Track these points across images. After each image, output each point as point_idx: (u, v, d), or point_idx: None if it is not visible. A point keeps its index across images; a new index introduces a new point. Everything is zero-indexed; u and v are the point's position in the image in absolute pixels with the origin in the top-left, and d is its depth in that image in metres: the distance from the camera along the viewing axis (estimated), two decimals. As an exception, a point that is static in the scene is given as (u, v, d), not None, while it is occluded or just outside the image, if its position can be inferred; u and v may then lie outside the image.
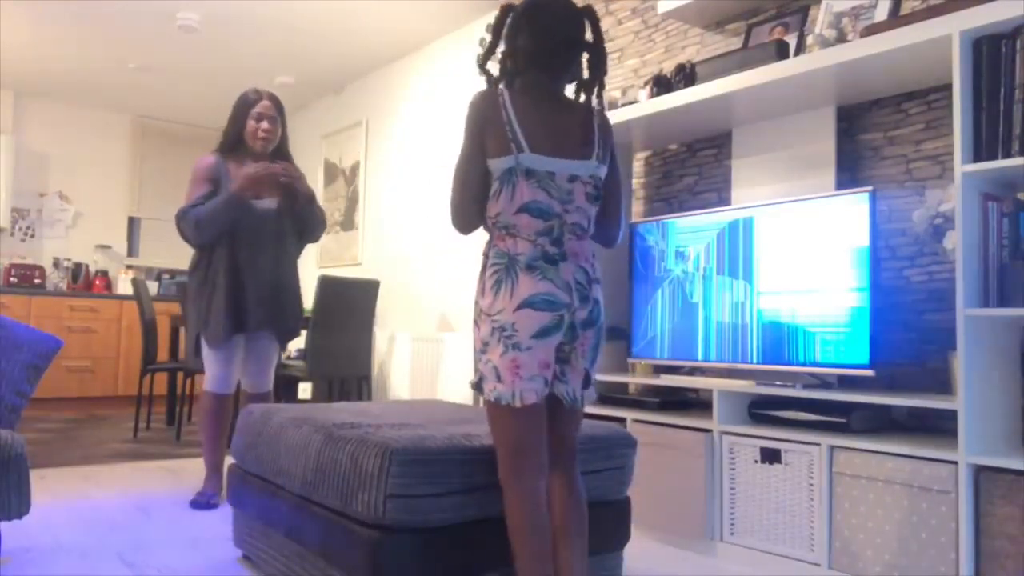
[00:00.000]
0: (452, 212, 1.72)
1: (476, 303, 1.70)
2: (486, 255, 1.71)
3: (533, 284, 1.61)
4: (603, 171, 1.74)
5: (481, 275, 1.70)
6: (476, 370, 1.68)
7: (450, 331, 4.81)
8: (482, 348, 1.65)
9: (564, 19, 1.73)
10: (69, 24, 5.09)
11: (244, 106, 3.11)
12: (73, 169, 6.98)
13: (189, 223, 3.02)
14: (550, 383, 1.66)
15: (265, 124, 3.08)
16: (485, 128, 1.68)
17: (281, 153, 3.18)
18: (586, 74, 1.80)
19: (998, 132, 2.04)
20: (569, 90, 1.83)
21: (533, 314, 1.60)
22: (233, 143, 3.12)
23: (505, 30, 1.75)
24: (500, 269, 1.64)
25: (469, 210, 1.70)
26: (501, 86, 1.75)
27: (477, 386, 1.68)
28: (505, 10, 1.75)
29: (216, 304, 2.99)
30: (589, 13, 1.77)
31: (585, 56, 1.78)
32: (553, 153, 1.66)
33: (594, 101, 1.80)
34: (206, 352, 3.08)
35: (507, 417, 1.64)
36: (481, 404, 1.93)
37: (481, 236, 1.77)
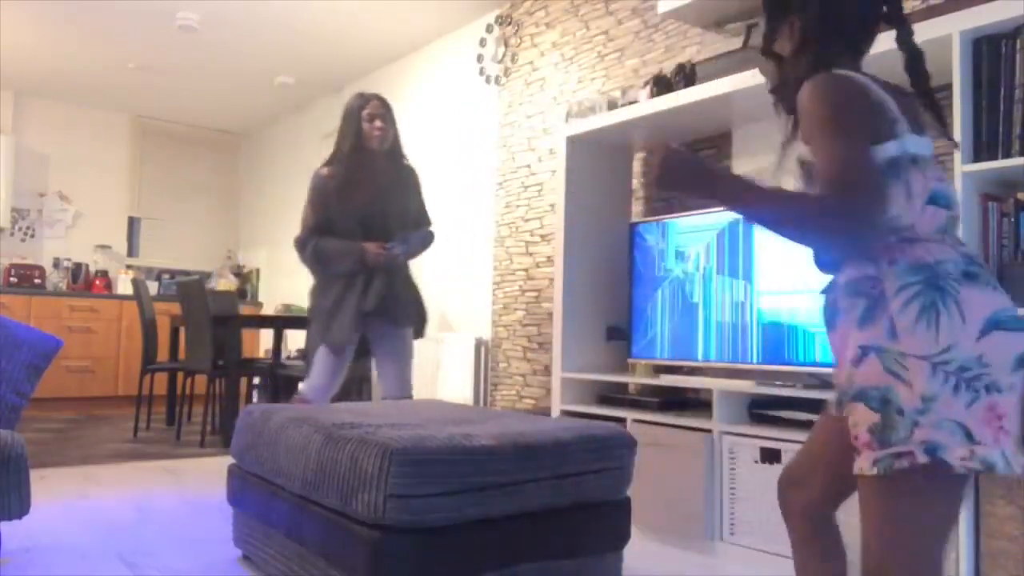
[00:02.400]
0: (855, 217, 1.12)
1: (880, 351, 1.14)
2: (865, 281, 1.19)
3: (990, 297, 1.13)
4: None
5: (870, 311, 1.17)
6: (889, 437, 1.12)
7: (450, 331, 4.81)
8: (922, 408, 1.10)
9: None
10: (69, 24, 5.09)
11: (355, 111, 3.11)
12: (73, 169, 6.98)
13: (308, 257, 3.10)
14: None
15: (378, 123, 3.08)
16: (865, 109, 1.20)
17: (395, 153, 3.18)
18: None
19: (998, 132, 2.04)
20: None
21: (1008, 337, 1.11)
22: (351, 149, 3.10)
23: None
24: (920, 290, 1.13)
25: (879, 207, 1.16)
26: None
27: (928, 458, 1.09)
28: None
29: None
30: None
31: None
32: (916, 131, 1.23)
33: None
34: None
35: (951, 491, 1.14)
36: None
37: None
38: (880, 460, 1.12)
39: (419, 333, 3.24)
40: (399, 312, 3.11)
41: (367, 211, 3.07)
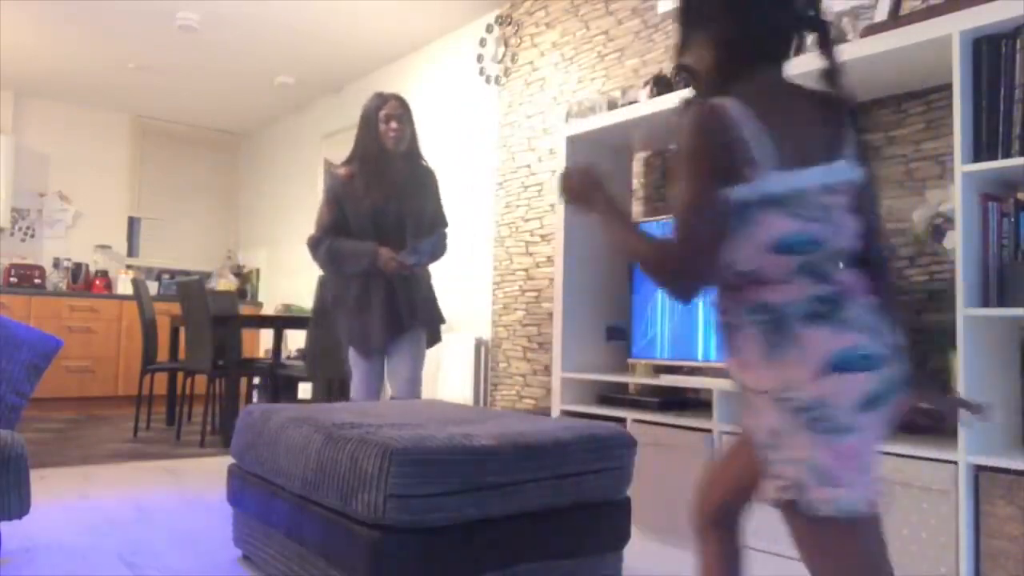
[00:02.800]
0: (685, 263, 1.14)
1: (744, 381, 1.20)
2: (733, 311, 1.21)
3: (834, 337, 1.11)
4: (858, 172, 1.23)
5: (730, 333, 1.22)
6: (773, 473, 1.14)
7: (450, 331, 4.80)
8: (771, 443, 1.14)
9: None
10: (69, 24, 5.09)
11: (372, 111, 3.11)
12: (73, 169, 6.98)
13: (322, 256, 3.12)
14: None
15: (394, 124, 3.08)
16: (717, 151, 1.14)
17: (412, 153, 3.18)
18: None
19: (998, 132, 2.04)
20: None
21: (850, 378, 1.10)
22: (367, 150, 3.10)
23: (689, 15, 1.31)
24: (762, 329, 1.15)
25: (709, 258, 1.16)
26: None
27: (793, 498, 1.11)
28: None
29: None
30: None
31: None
32: (806, 163, 1.17)
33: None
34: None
35: (854, 536, 1.12)
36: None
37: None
38: (772, 487, 1.15)
39: (435, 338, 3.25)
40: (417, 315, 3.12)
41: (382, 211, 3.07)
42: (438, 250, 3.24)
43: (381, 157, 3.07)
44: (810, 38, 1.31)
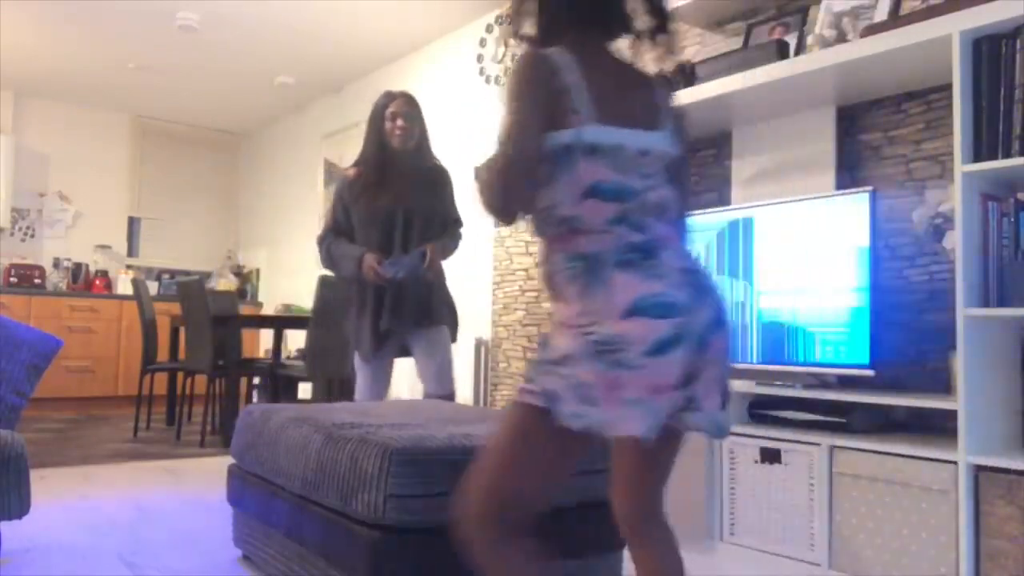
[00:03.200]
0: (500, 191, 1.23)
1: (552, 315, 1.33)
2: (553, 259, 1.31)
3: (639, 284, 1.21)
4: (676, 147, 1.35)
5: (550, 280, 1.33)
6: (531, 375, 1.25)
7: (450, 331, 4.80)
8: (557, 361, 1.22)
9: None
10: (69, 24, 5.09)
11: (379, 109, 3.07)
12: (73, 169, 6.98)
13: (322, 256, 3.13)
14: (671, 414, 1.24)
15: (400, 122, 3.03)
16: (539, 91, 1.25)
17: (422, 152, 3.13)
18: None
19: (998, 132, 2.04)
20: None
21: (648, 323, 1.19)
22: (375, 149, 3.07)
23: None
24: (577, 272, 1.25)
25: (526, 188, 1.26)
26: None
27: (547, 403, 1.22)
28: None
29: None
30: None
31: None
32: (618, 123, 1.26)
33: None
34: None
35: (559, 440, 1.23)
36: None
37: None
38: (519, 390, 1.26)
39: (452, 336, 3.20)
40: (426, 314, 3.06)
41: (390, 211, 3.03)
42: (448, 249, 3.18)
43: (388, 156, 3.04)
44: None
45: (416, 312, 3.05)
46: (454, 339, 3.21)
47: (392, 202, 3.03)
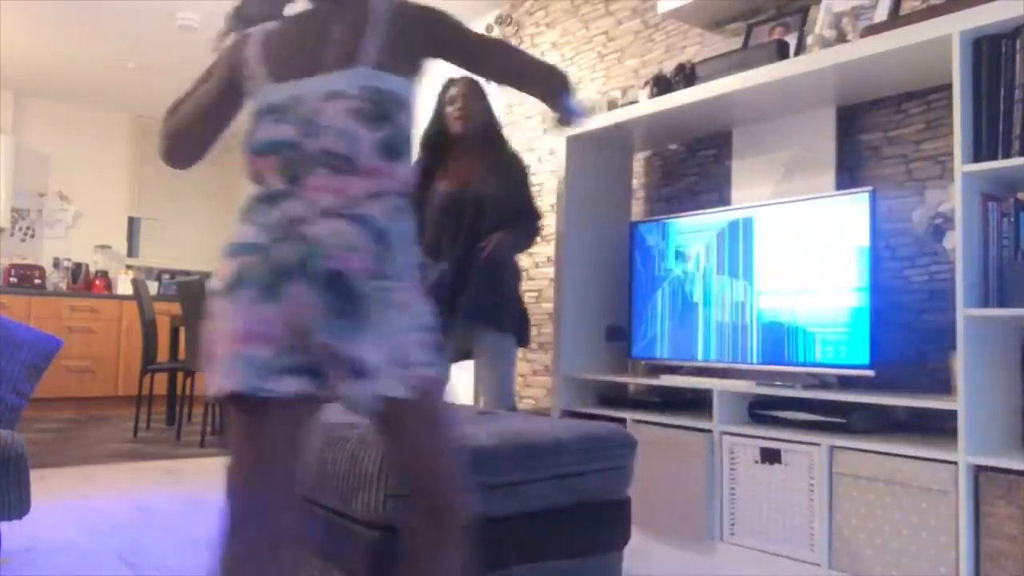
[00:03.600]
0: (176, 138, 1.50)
1: None
2: None
3: (238, 230, 1.28)
4: (390, 80, 1.26)
5: None
6: None
7: (450, 331, 4.80)
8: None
9: None
10: (69, 24, 5.09)
11: (440, 94, 3.03)
12: (73, 169, 6.98)
13: None
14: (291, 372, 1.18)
15: (457, 104, 2.97)
16: (220, 62, 1.47)
17: (489, 135, 3.03)
18: None
19: (998, 132, 2.04)
20: None
21: (227, 261, 1.25)
22: (435, 134, 3.01)
23: None
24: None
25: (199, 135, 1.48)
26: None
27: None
28: None
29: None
30: None
31: None
32: (296, 75, 1.27)
33: None
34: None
35: (235, 418, 1.24)
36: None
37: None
38: None
39: (522, 341, 2.99)
40: (484, 317, 2.87)
41: (454, 197, 2.91)
42: (520, 244, 3.00)
43: (448, 141, 2.98)
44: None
45: (472, 314, 2.84)
46: (525, 343, 3.00)
47: (455, 186, 2.93)
